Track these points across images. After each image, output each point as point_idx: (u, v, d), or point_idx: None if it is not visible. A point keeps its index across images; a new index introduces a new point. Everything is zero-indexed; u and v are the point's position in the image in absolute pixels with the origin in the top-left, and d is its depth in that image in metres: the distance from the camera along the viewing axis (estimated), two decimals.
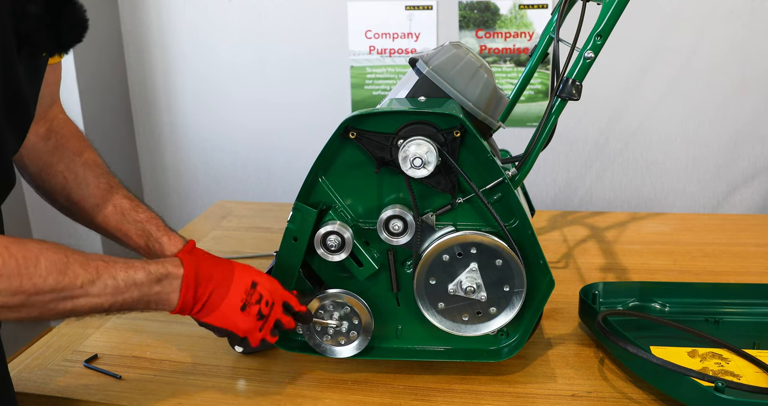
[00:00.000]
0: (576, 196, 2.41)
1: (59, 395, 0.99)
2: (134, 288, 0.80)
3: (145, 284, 0.82)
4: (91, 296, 0.77)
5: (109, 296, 0.78)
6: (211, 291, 0.87)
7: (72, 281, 0.75)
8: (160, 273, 0.83)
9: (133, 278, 0.80)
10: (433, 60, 1.04)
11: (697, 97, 2.24)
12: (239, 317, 0.88)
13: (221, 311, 0.87)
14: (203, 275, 0.87)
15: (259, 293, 0.90)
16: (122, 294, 0.80)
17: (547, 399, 0.97)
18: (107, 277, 0.78)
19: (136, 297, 0.81)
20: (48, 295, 0.73)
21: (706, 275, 1.37)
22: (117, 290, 0.79)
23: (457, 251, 0.96)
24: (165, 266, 0.84)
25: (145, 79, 2.57)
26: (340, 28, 2.35)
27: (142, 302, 0.82)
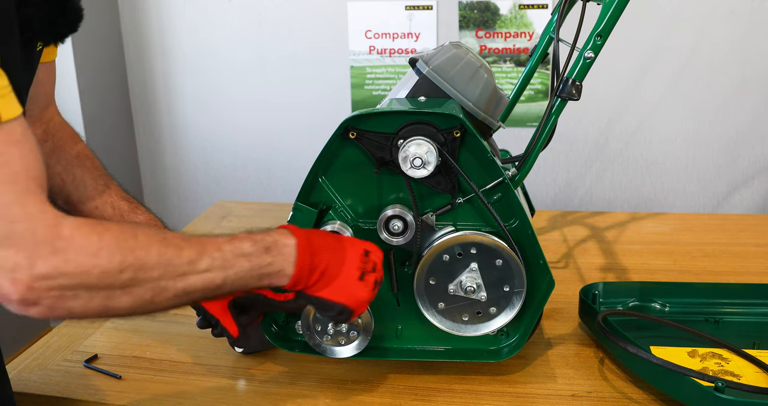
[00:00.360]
0: (576, 196, 2.41)
1: (59, 395, 0.99)
2: (243, 259, 0.75)
3: (254, 254, 0.76)
4: (201, 271, 0.71)
5: (219, 270, 0.73)
6: (327, 260, 0.80)
7: (177, 254, 0.69)
8: (268, 242, 0.77)
9: (240, 249, 0.75)
10: (433, 60, 1.04)
11: (697, 97, 2.24)
12: (358, 288, 0.82)
13: (340, 282, 0.81)
14: (317, 243, 0.81)
15: (373, 261, 0.84)
16: (232, 267, 0.74)
17: (547, 399, 0.97)
18: (212, 249, 0.73)
19: (246, 268, 0.75)
20: (156, 270, 0.67)
21: (706, 275, 1.37)
22: (226, 262, 0.73)
23: (457, 251, 0.96)
24: (272, 235, 0.79)
25: (145, 79, 2.57)
26: (340, 28, 2.35)
27: (254, 275, 0.76)
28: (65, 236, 0.62)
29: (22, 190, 0.60)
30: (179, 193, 2.66)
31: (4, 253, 0.59)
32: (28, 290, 0.60)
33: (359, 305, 0.84)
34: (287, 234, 0.80)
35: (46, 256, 0.60)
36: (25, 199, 0.60)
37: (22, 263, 0.59)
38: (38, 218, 0.61)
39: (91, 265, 0.63)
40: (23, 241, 0.59)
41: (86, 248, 0.63)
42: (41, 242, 0.60)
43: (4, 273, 0.59)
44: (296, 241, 0.79)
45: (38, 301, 0.61)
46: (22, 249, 0.59)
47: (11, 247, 0.59)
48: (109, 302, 0.66)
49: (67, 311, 0.64)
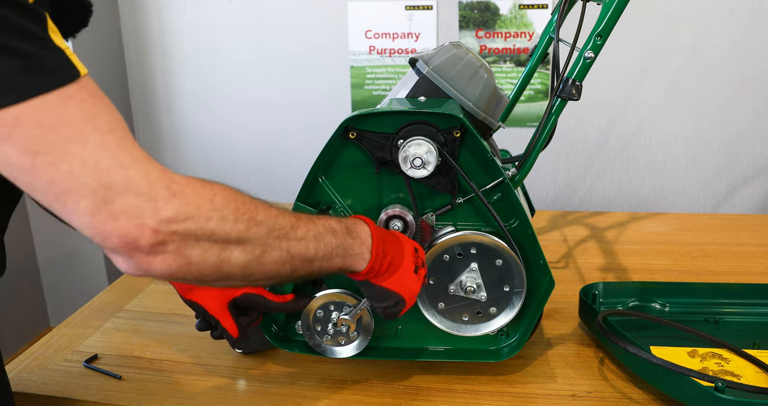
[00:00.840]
0: (576, 197, 2.41)
1: (59, 395, 0.99)
2: (331, 235, 0.77)
3: (339, 233, 0.78)
4: (299, 238, 0.72)
5: (312, 240, 0.74)
6: (393, 251, 0.85)
7: (280, 214, 0.70)
8: (349, 224, 0.81)
9: (329, 224, 0.78)
10: (433, 60, 1.04)
11: (697, 97, 2.24)
12: (414, 280, 0.87)
13: (401, 273, 0.85)
14: (383, 234, 0.85)
15: (421, 258, 0.89)
16: (323, 239, 0.75)
17: (547, 399, 0.97)
18: (306, 220, 0.75)
19: (334, 244, 0.77)
20: (264, 226, 0.67)
21: (706, 275, 1.37)
22: (318, 234, 0.75)
23: (457, 251, 0.96)
24: (351, 219, 0.82)
25: (145, 79, 2.57)
26: (340, 28, 2.35)
27: (339, 253, 0.78)
28: (179, 181, 0.61)
29: (123, 137, 0.59)
30: None
31: (124, 200, 0.57)
32: (155, 233, 0.59)
33: (412, 297, 0.88)
34: (362, 221, 0.85)
35: (167, 198, 0.59)
36: (128, 145, 0.59)
37: (144, 206, 0.58)
38: (149, 161, 0.60)
39: (210, 209, 0.62)
40: (140, 185, 0.58)
41: (202, 193, 0.62)
42: (157, 184, 0.59)
43: (128, 218, 0.58)
44: (370, 228, 0.84)
45: (166, 245, 0.60)
46: (141, 193, 0.58)
47: (129, 192, 0.58)
48: (224, 253, 0.65)
49: (187, 259, 0.62)
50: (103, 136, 0.58)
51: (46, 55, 0.57)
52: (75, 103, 0.58)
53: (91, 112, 0.58)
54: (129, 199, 0.58)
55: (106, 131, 0.58)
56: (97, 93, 0.60)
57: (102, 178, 0.57)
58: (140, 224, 0.58)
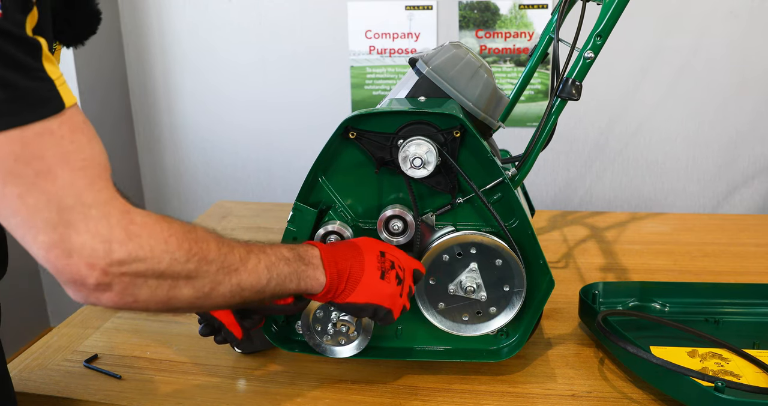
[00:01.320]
0: (576, 197, 2.41)
1: (59, 395, 0.99)
2: (284, 263, 0.79)
3: (291, 260, 0.80)
4: (250, 270, 0.74)
5: (265, 270, 0.76)
6: (350, 266, 0.85)
7: (230, 251, 0.72)
8: (300, 251, 0.82)
9: (281, 253, 0.79)
10: (433, 60, 1.04)
11: (697, 97, 2.24)
12: (382, 285, 0.86)
13: (364, 283, 0.85)
14: (337, 252, 0.86)
15: (390, 260, 0.88)
16: (276, 268, 0.78)
17: (547, 399, 0.97)
18: (257, 251, 0.77)
19: (287, 272, 0.79)
20: (215, 264, 0.70)
21: (706, 275, 1.37)
22: (270, 264, 0.77)
23: (456, 251, 0.96)
24: (301, 246, 0.84)
25: (145, 79, 2.57)
26: (340, 28, 2.35)
27: (293, 279, 0.80)
28: (138, 222, 0.63)
29: (93, 176, 0.61)
30: (179, 194, 2.66)
31: (81, 238, 0.59)
32: (104, 274, 0.61)
33: (388, 300, 0.87)
34: (311, 246, 0.85)
35: (122, 241, 0.61)
36: (97, 184, 0.61)
37: (98, 248, 0.60)
38: (112, 203, 0.62)
39: (162, 251, 0.64)
40: (99, 226, 0.60)
41: (158, 235, 0.64)
42: (116, 227, 0.61)
43: (81, 258, 0.60)
44: (320, 251, 0.84)
45: (111, 285, 0.62)
46: (98, 234, 0.60)
47: (87, 231, 0.60)
48: (172, 291, 0.67)
49: (134, 298, 0.64)
50: (74, 174, 0.60)
51: (33, 86, 0.59)
52: (53, 138, 0.59)
53: (67, 149, 0.60)
54: (85, 239, 0.60)
55: (77, 169, 0.60)
56: (78, 127, 0.62)
57: (63, 216, 0.59)
58: (91, 264, 0.60)
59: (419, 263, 0.94)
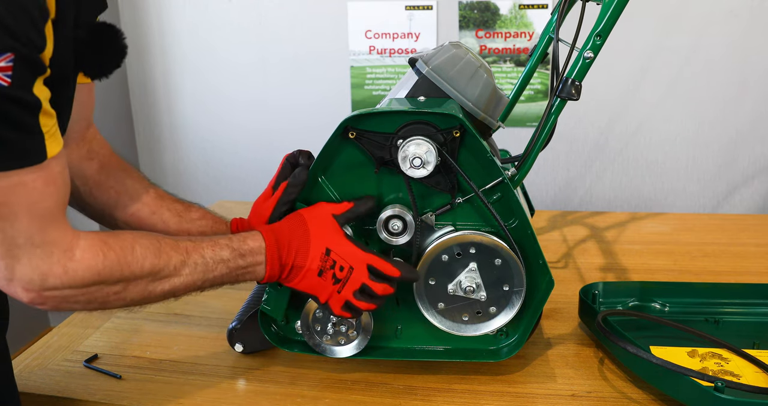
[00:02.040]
0: (576, 197, 2.41)
1: (59, 395, 0.99)
2: (222, 265, 0.86)
3: (231, 260, 0.87)
4: (184, 275, 0.83)
5: (200, 274, 0.85)
6: (293, 259, 0.91)
7: (166, 262, 0.81)
8: (243, 249, 0.89)
9: (220, 256, 0.86)
10: (433, 60, 1.04)
11: (697, 97, 2.24)
12: (318, 282, 0.91)
13: (303, 274, 0.91)
14: (283, 245, 0.91)
15: (333, 259, 0.91)
16: (212, 272, 0.86)
17: (547, 399, 0.97)
18: (197, 256, 0.85)
19: (224, 272, 0.87)
20: (146, 278, 0.80)
21: (706, 275, 1.37)
22: (206, 268, 0.85)
23: (455, 251, 0.96)
24: (246, 242, 0.89)
25: (145, 79, 2.57)
26: (340, 28, 2.35)
27: (231, 277, 0.89)
28: (77, 259, 0.74)
29: (48, 221, 0.71)
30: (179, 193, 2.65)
31: (23, 269, 0.71)
32: (38, 296, 0.73)
33: (324, 295, 0.92)
34: (260, 239, 0.90)
35: (57, 275, 0.73)
36: (48, 227, 0.71)
37: (35, 279, 0.72)
38: (56, 243, 0.72)
39: (93, 280, 0.76)
40: (41, 262, 0.72)
41: (92, 268, 0.75)
42: (56, 264, 0.72)
43: (19, 283, 0.72)
44: (266, 244, 0.90)
45: (44, 304, 0.74)
46: (37, 268, 0.71)
47: (29, 265, 0.71)
48: (102, 305, 0.79)
49: (69, 308, 0.78)
50: (32, 221, 0.70)
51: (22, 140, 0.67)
52: (25, 189, 0.69)
53: (35, 199, 0.70)
54: (26, 271, 0.71)
55: (37, 217, 0.70)
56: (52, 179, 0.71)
57: (12, 251, 0.70)
58: (27, 289, 0.72)
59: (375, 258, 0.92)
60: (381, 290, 0.92)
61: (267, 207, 1.00)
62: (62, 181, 0.73)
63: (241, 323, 1.07)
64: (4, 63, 0.64)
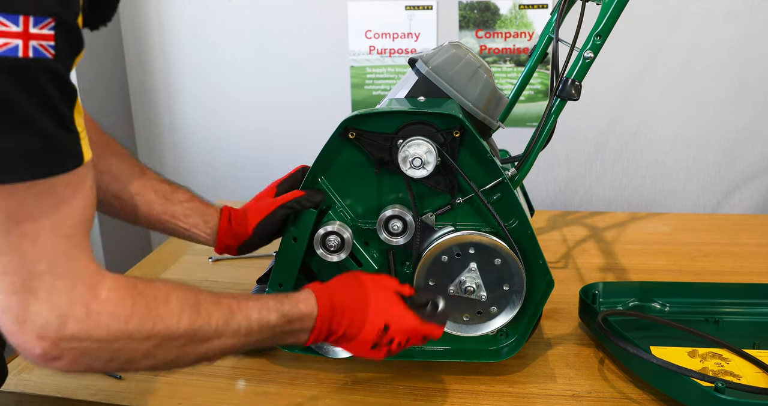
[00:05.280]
0: (576, 197, 2.41)
1: (59, 395, 0.99)
2: (267, 330, 0.76)
3: (278, 326, 0.77)
4: (225, 337, 0.71)
5: (242, 337, 0.73)
6: (345, 330, 0.81)
7: (206, 321, 0.68)
8: (293, 315, 0.78)
9: (267, 320, 0.75)
10: (433, 60, 1.04)
11: (697, 97, 2.23)
12: (369, 353, 0.84)
13: (354, 345, 0.83)
14: (336, 312, 0.81)
15: (391, 336, 0.83)
16: (255, 335, 0.74)
17: (547, 399, 0.97)
18: (241, 318, 0.73)
19: (267, 337, 0.76)
20: (182, 338, 0.66)
21: (706, 275, 1.37)
22: (250, 331, 0.74)
23: (455, 251, 0.96)
24: (299, 307, 0.79)
25: (145, 79, 2.57)
26: (340, 28, 2.35)
27: (271, 341, 0.78)
28: (101, 299, 0.60)
29: (75, 245, 0.59)
30: None
31: (38, 308, 0.57)
32: (53, 346, 0.59)
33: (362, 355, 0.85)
34: (313, 304, 0.80)
35: (78, 318, 0.59)
36: (75, 254, 0.59)
37: (53, 321, 0.58)
38: (81, 275, 0.60)
39: (120, 331, 0.62)
40: (60, 298, 0.58)
41: (119, 314, 0.61)
42: (77, 302, 0.59)
43: (32, 328, 0.57)
44: (318, 313, 0.80)
45: (60, 357, 0.60)
46: (56, 307, 0.58)
47: (47, 302, 0.57)
48: (128, 364, 0.65)
49: (87, 367, 0.62)
50: (56, 241, 0.57)
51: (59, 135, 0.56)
52: (53, 200, 0.57)
53: (62, 214, 0.58)
54: (43, 309, 0.57)
55: (61, 236, 0.58)
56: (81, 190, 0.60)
57: (31, 281, 0.57)
58: (42, 335, 0.58)
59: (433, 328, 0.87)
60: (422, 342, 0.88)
61: (268, 205, 0.96)
62: (90, 195, 0.61)
63: None
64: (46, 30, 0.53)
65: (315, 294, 0.81)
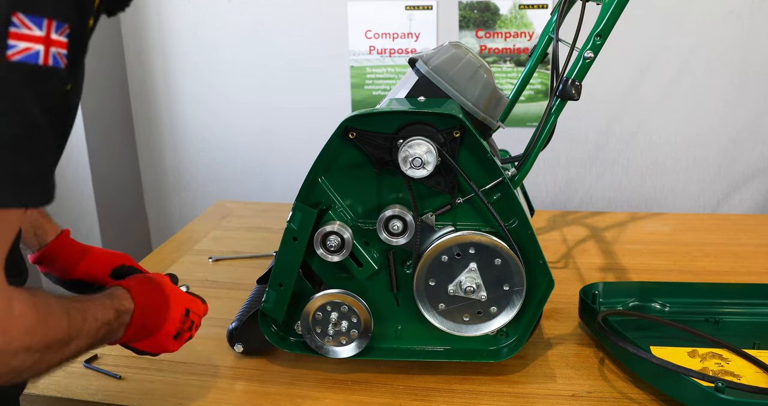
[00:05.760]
0: (576, 197, 2.41)
1: (59, 395, 0.99)
2: (106, 327, 0.75)
3: (113, 322, 0.76)
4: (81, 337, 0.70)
5: (91, 337, 0.72)
6: (151, 323, 0.82)
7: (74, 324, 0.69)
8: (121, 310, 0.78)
9: (108, 318, 0.75)
10: (433, 60, 1.04)
11: (697, 97, 2.24)
12: (170, 343, 0.87)
13: (155, 339, 0.84)
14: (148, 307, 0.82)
15: (191, 319, 0.88)
16: (100, 333, 0.74)
17: (547, 399, 0.97)
18: (91, 318, 0.72)
19: (104, 335, 0.75)
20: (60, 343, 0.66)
21: (706, 275, 1.37)
22: (98, 330, 0.73)
23: (455, 251, 0.96)
24: (123, 303, 0.79)
25: (145, 79, 2.57)
26: (340, 28, 2.35)
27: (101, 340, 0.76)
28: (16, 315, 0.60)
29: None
30: (179, 193, 2.66)
31: None
32: None
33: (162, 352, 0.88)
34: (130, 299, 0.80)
35: None
36: None
37: None
38: None
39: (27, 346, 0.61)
40: None
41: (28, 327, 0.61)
42: None
43: None
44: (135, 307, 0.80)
45: None
46: None
47: None
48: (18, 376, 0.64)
49: None
50: None
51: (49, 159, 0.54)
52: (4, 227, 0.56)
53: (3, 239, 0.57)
54: None
55: None
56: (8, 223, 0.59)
57: None
58: None
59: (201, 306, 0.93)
60: None
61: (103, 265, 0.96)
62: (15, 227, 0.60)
63: (241, 324, 1.07)
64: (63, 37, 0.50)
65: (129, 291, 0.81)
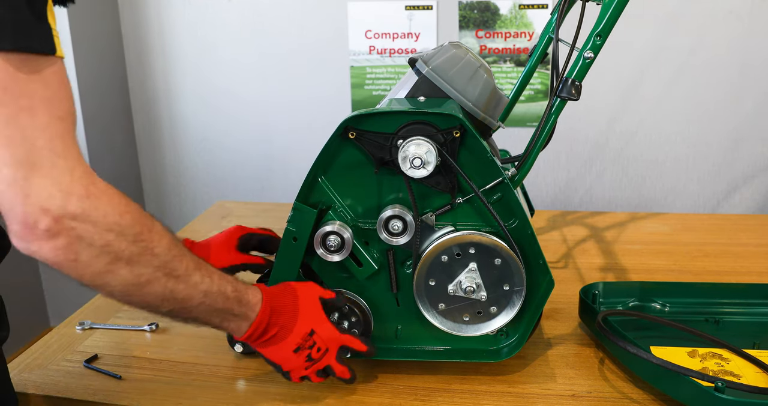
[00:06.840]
0: (576, 197, 2.41)
1: (59, 395, 0.99)
2: (220, 298, 0.79)
3: (230, 299, 0.81)
4: (190, 284, 0.74)
5: (202, 293, 0.77)
6: (277, 331, 0.88)
7: (180, 257, 0.73)
8: (244, 298, 0.83)
9: (224, 289, 0.80)
10: (433, 60, 1.04)
11: (696, 97, 2.24)
12: (290, 357, 0.90)
13: (279, 347, 0.89)
14: (275, 313, 0.88)
15: (314, 340, 0.91)
16: (211, 297, 0.78)
17: (547, 399, 0.97)
18: (205, 273, 0.77)
19: (219, 306, 0.80)
20: (159, 258, 0.70)
21: (706, 275, 1.37)
22: (209, 292, 0.77)
23: (455, 251, 0.96)
24: (247, 292, 0.84)
25: (145, 79, 2.57)
26: (340, 28, 2.35)
27: (219, 315, 0.81)
28: (99, 187, 0.64)
29: (68, 129, 0.62)
30: (179, 193, 2.66)
31: (42, 181, 0.60)
32: (55, 222, 0.61)
33: (289, 367, 0.91)
34: (258, 298, 0.86)
35: (80, 197, 0.62)
36: (68, 139, 0.62)
37: (56, 195, 0.60)
38: (78, 160, 0.62)
39: (115, 222, 0.65)
40: (62, 175, 0.61)
41: (116, 205, 0.65)
42: (77, 181, 0.62)
43: (36, 200, 0.60)
44: (262, 305, 0.86)
45: (59, 235, 0.62)
46: (59, 182, 0.61)
47: (49, 177, 0.60)
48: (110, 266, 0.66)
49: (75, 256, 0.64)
50: (52, 120, 0.60)
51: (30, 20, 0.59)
52: (42, 81, 0.60)
53: (53, 95, 0.61)
54: (46, 183, 0.60)
55: (56, 117, 0.61)
56: (64, 82, 0.63)
57: (33, 155, 0.59)
58: (46, 208, 0.60)
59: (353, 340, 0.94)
60: (339, 372, 0.94)
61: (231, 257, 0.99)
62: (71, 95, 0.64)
63: None
64: None
65: (261, 291, 0.87)
